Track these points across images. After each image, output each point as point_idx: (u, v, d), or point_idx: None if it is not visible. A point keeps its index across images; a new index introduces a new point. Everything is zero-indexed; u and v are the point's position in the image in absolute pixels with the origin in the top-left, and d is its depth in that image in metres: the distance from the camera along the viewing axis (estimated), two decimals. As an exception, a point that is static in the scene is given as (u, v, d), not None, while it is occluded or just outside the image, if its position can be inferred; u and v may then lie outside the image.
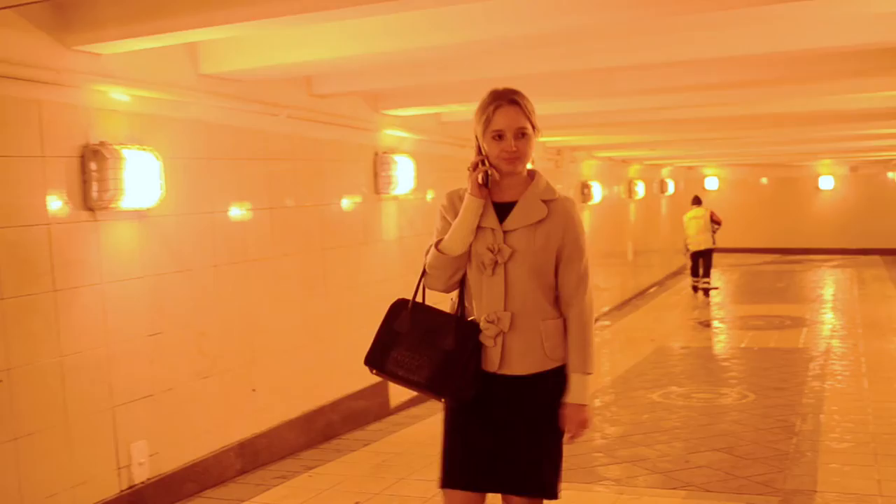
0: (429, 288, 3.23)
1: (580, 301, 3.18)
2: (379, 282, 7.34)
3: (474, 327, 3.14)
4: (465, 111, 8.04)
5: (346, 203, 6.92)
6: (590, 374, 3.17)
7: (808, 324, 12.15)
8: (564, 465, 3.36)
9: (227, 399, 5.61)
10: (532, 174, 3.23)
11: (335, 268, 6.74)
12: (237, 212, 5.72)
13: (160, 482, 5.03)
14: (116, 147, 4.56)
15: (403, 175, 7.42)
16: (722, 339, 11.81)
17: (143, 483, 4.91)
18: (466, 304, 3.21)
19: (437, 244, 3.16)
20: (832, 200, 23.83)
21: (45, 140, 4.30)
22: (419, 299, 3.26)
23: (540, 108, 8.99)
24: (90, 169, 4.49)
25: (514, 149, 3.09)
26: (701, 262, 16.02)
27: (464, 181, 3.12)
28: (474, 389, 3.14)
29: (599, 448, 6.23)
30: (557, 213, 3.15)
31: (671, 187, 20.08)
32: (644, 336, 11.71)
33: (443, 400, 3.20)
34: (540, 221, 3.11)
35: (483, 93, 7.64)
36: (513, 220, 3.12)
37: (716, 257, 16.83)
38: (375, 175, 7.31)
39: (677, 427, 6.78)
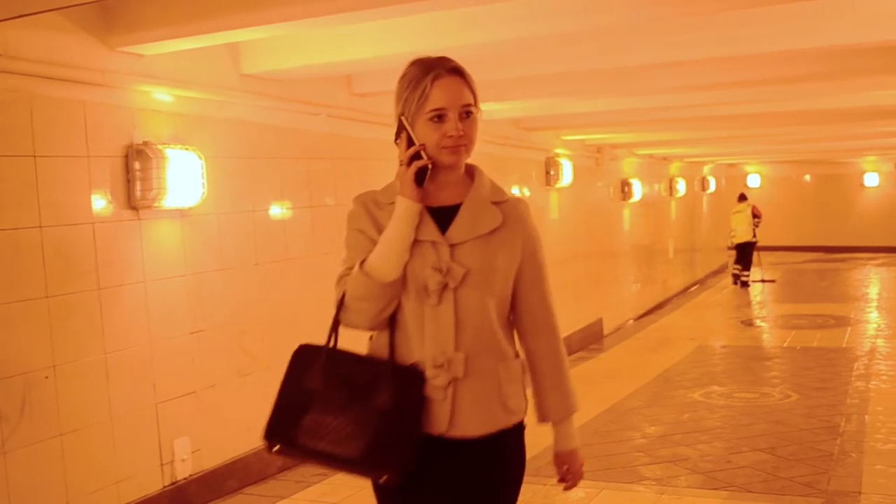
0: (349, 326, 2.42)
1: (552, 329, 2.52)
2: (418, 280, 7.34)
3: (416, 375, 2.35)
4: (503, 109, 8.04)
5: (386, 201, 6.93)
6: (576, 411, 2.57)
7: (853, 323, 11.99)
8: (604, 464, 3.31)
9: (269, 396, 5.63)
10: (471, 170, 2.48)
11: (375, 266, 6.75)
12: (278, 210, 5.76)
13: (202, 478, 5.09)
14: (159, 147, 4.62)
15: (443, 173, 7.41)
16: (764, 338, 11.69)
17: (185, 479, 4.97)
18: (398, 346, 2.39)
19: (361, 266, 2.35)
20: (877, 198, 23.48)
21: (90, 140, 4.36)
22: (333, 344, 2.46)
23: (580, 105, 8.96)
24: (134, 168, 4.54)
25: (460, 132, 2.33)
26: (744, 254, 16.94)
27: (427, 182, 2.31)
28: (417, 459, 2.35)
29: (640, 447, 6.20)
30: (513, 220, 2.44)
31: (713, 185, 19.91)
32: (685, 335, 11.63)
33: (384, 479, 2.35)
34: (494, 231, 2.39)
35: (521, 90, 7.61)
36: (459, 229, 2.37)
37: (758, 255, 17.43)
38: (415, 173, 7.30)
39: (718, 427, 6.73)
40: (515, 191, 9.45)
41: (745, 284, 16.67)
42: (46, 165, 4.13)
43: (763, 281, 17.16)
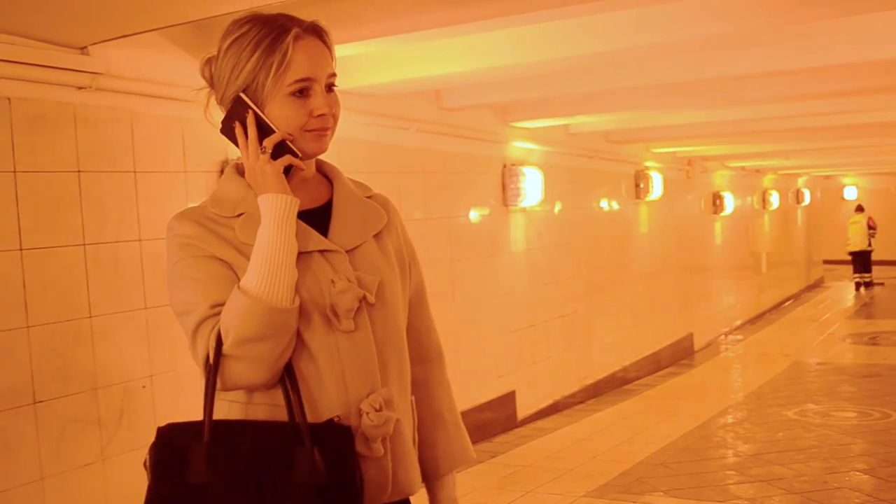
0: (233, 385, 1.73)
1: (441, 353, 2.05)
2: (506, 293, 7.36)
3: (342, 432, 1.71)
4: (593, 122, 8.01)
5: (475, 215, 6.96)
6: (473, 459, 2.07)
7: (956, 340, 11.59)
8: (694, 482, 3.18)
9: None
10: (320, 164, 1.94)
11: (463, 279, 6.78)
12: (368, 224, 5.81)
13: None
14: (253, 162, 4.70)
15: (532, 187, 7.42)
16: (861, 355, 11.35)
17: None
18: (306, 397, 1.72)
19: (247, 295, 1.67)
20: (982, 210, 22.69)
21: (188, 156, 4.47)
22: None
23: (670, 118, 8.87)
24: (228, 183, 4.64)
25: (331, 110, 1.80)
26: (860, 261, 18.59)
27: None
28: None
29: (732, 466, 6.08)
30: (392, 218, 1.94)
31: (807, 197, 19.47)
32: (778, 351, 11.39)
33: None
34: (381, 230, 1.90)
35: (610, 103, 7.59)
36: (345, 231, 1.83)
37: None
38: (504, 187, 7.33)
39: (814, 446, 6.56)
40: (604, 204, 9.39)
41: (867, 286, 18.33)
42: (146, 180, 4.25)
43: (872, 284, 18.56)
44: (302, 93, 1.75)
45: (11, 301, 3.62)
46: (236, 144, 1.81)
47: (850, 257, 18.99)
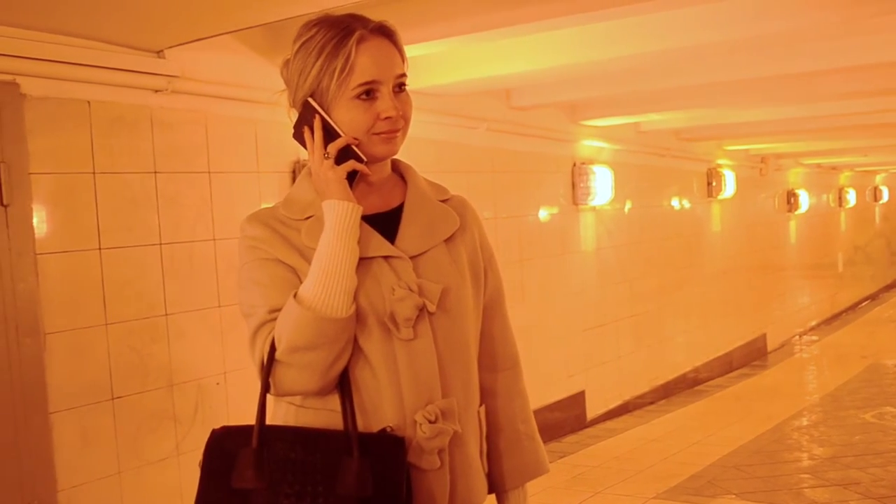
0: (287, 392, 1.72)
1: (515, 361, 1.98)
2: (576, 293, 7.33)
3: (395, 443, 1.67)
4: (664, 120, 7.93)
5: (544, 214, 6.94)
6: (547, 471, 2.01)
7: None
8: (767, 485, 3.13)
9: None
10: (396, 165, 1.89)
11: (533, 278, 6.77)
12: (437, 223, 5.83)
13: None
14: (324, 162, 4.75)
15: (601, 185, 7.38)
16: (943, 357, 11.08)
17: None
18: (359, 406, 1.70)
19: (299, 303, 1.64)
20: None
21: (261, 157, 4.54)
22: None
23: (743, 115, 8.74)
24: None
25: (399, 112, 1.73)
26: None
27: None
28: None
29: (807, 469, 5.97)
30: (468, 221, 1.88)
31: (885, 195, 19.02)
32: (855, 352, 11.14)
33: None
34: (453, 236, 1.82)
35: (681, 100, 7.49)
36: (412, 237, 1.77)
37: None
38: (573, 186, 7.30)
39: (893, 450, 6.40)
40: (675, 203, 9.29)
41: None
42: (220, 181, 4.32)
43: None
44: (368, 95, 1.70)
45: (90, 299, 3.72)
46: (306, 148, 1.80)
47: None
